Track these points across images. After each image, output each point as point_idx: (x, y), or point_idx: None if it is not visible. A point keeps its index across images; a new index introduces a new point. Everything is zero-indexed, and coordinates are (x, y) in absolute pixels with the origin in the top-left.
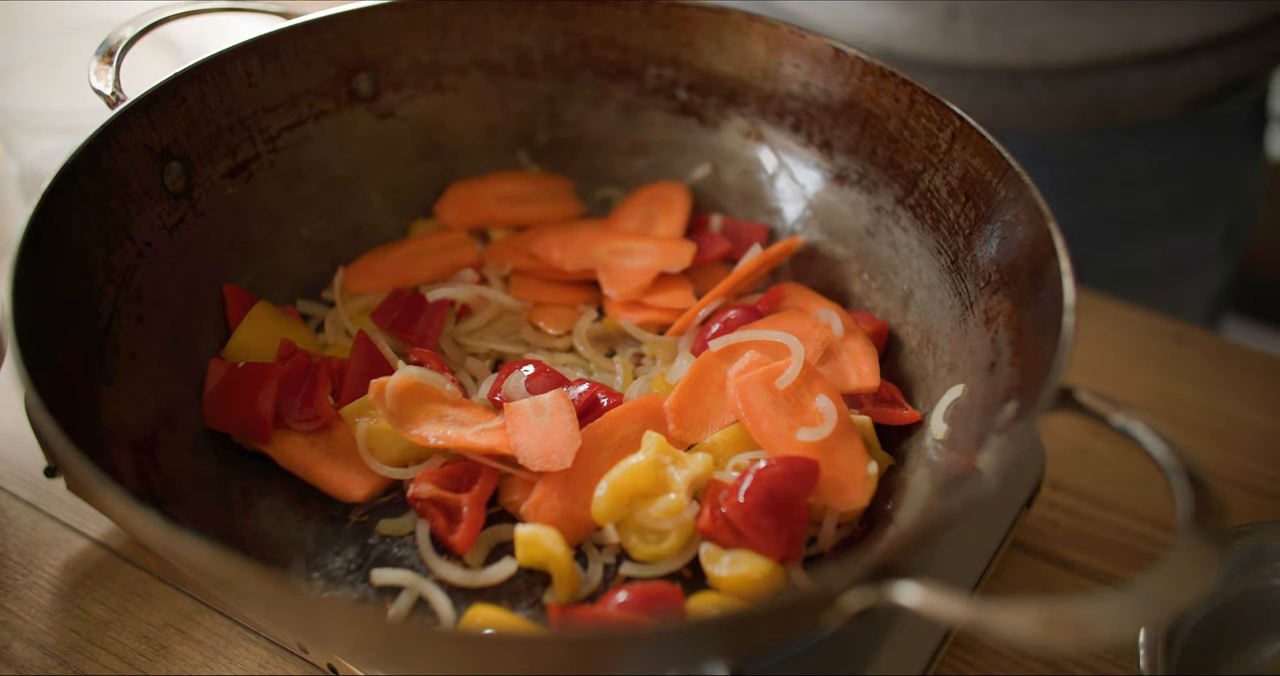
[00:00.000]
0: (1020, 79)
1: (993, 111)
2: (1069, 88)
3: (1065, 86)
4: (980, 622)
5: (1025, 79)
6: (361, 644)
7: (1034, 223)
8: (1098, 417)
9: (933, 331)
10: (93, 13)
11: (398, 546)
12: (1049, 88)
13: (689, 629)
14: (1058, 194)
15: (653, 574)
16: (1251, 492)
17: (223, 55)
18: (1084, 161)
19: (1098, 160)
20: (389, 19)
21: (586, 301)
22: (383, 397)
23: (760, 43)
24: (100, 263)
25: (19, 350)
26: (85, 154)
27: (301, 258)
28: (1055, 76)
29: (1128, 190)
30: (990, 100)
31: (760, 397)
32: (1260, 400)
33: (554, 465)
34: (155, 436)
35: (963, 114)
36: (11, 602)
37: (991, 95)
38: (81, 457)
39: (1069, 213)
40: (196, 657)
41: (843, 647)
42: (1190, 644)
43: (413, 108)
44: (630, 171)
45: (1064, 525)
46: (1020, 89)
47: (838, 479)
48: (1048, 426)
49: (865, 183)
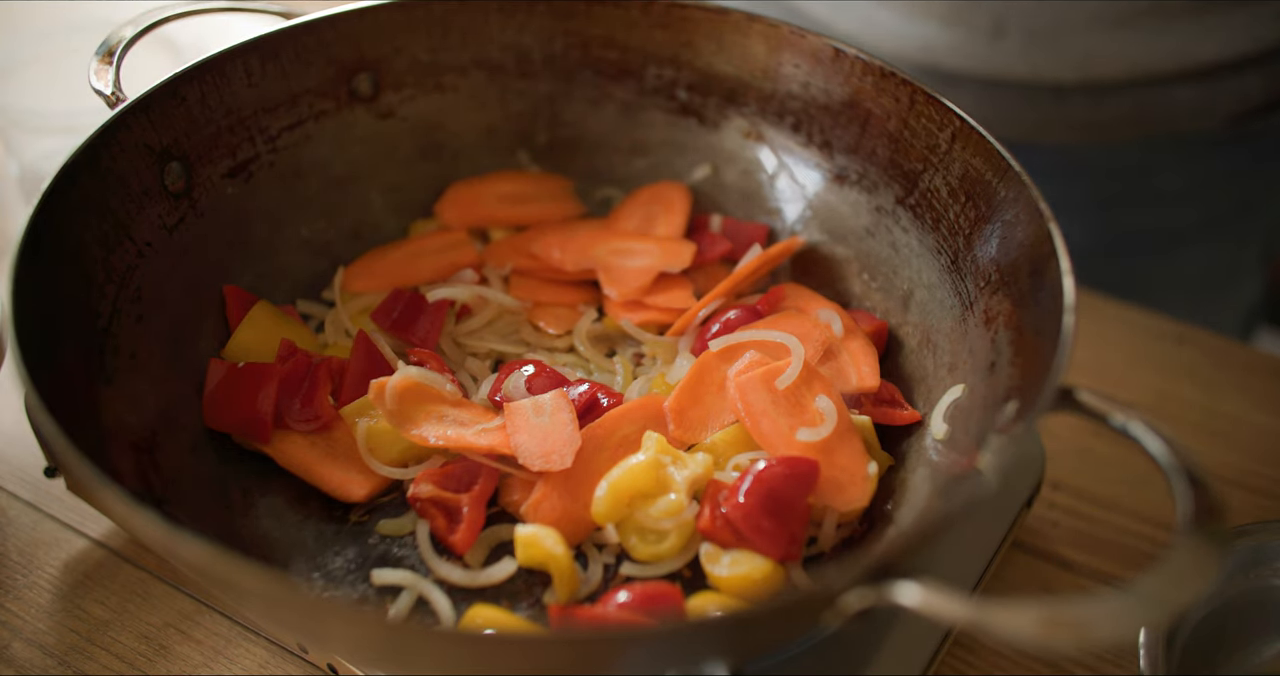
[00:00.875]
0: (1064, 95)
1: (1034, 127)
2: (1114, 103)
3: (1110, 102)
4: (980, 622)
5: (1069, 95)
6: (361, 644)
7: (1034, 223)
8: (1098, 417)
9: (933, 331)
10: (93, 13)
11: (398, 546)
12: (1093, 103)
13: (689, 629)
14: (1094, 206)
15: (653, 574)
16: (1251, 492)
17: (223, 55)
18: (1122, 174)
19: (1136, 173)
20: (389, 19)
21: (586, 301)
22: (383, 397)
23: (760, 43)
24: (100, 263)
25: (19, 350)
26: (85, 154)
27: (301, 258)
28: (1100, 92)
29: (1165, 203)
30: (1032, 116)
31: (760, 398)
32: (1260, 400)
33: (554, 465)
34: (155, 436)
35: (963, 114)
36: (11, 602)
37: (1034, 111)
38: (81, 457)
39: (1106, 225)
40: (196, 657)
41: (843, 647)
42: (1190, 644)
43: (413, 108)
44: (630, 171)
45: (1064, 525)
46: (1064, 104)
47: (838, 479)
48: (1048, 426)
49: (865, 183)
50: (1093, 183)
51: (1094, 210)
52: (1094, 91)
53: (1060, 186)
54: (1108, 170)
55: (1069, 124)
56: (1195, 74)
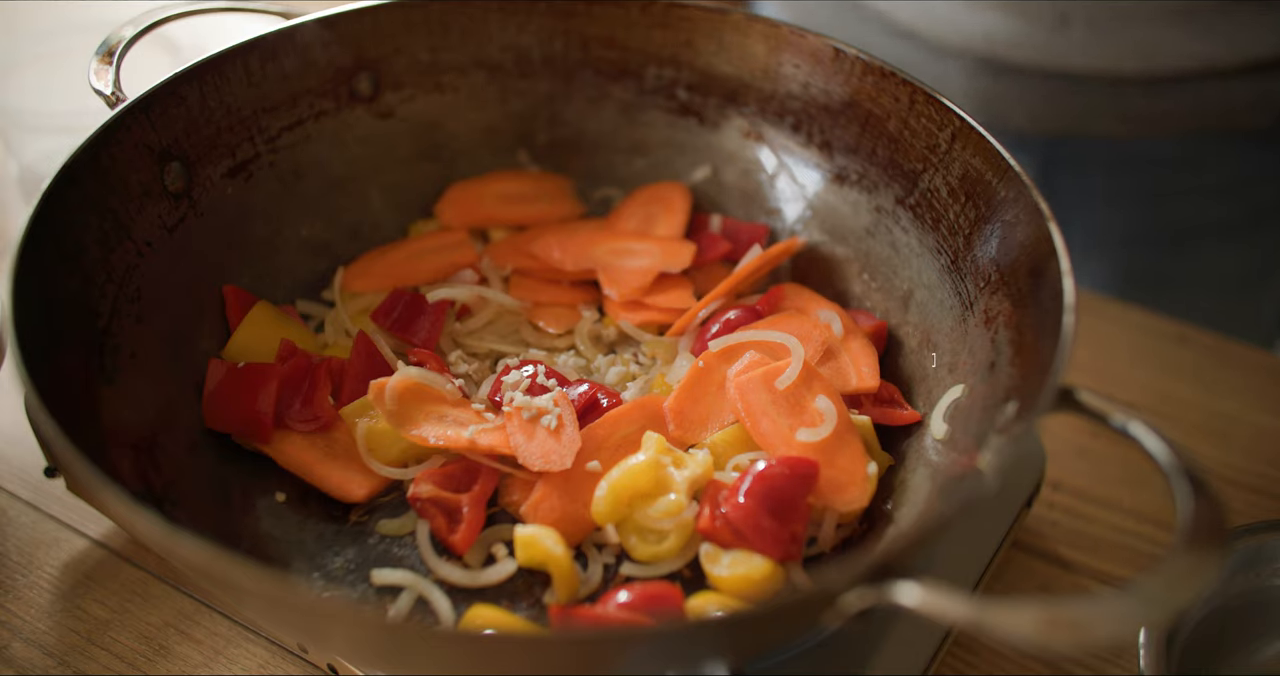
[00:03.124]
0: (1121, 86)
1: (1085, 118)
2: (1171, 96)
3: (1167, 95)
4: (980, 622)
5: (1126, 86)
6: (361, 644)
7: (1034, 223)
8: (1098, 417)
9: (933, 331)
10: (93, 13)
11: (398, 546)
12: (1150, 95)
13: (689, 629)
14: (1137, 199)
15: (653, 574)
16: (1251, 492)
17: (223, 55)
18: (1167, 167)
19: (1181, 166)
20: (389, 19)
21: (586, 301)
22: (383, 398)
23: (760, 43)
24: (100, 262)
25: (19, 350)
26: (85, 154)
27: (301, 258)
28: (1159, 84)
29: (1210, 196)
30: (1086, 107)
31: (760, 398)
32: (1260, 400)
33: (554, 465)
34: (155, 436)
35: (963, 114)
36: (11, 602)
37: (1087, 102)
38: (81, 457)
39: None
40: (196, 657)
41: (843, 647)
42: (1190, 644)
43: (413, 108)
44: (630, 171)
45: (1064, 525)
46: (1120, 96)
47: (838, 479)
48: (1048, 426)
49: (865, 183)
50: (1138, 175)
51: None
52: (1152, 83)
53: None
54: (1152, 163)
55: (1122, 116)
56: (1255, 67)
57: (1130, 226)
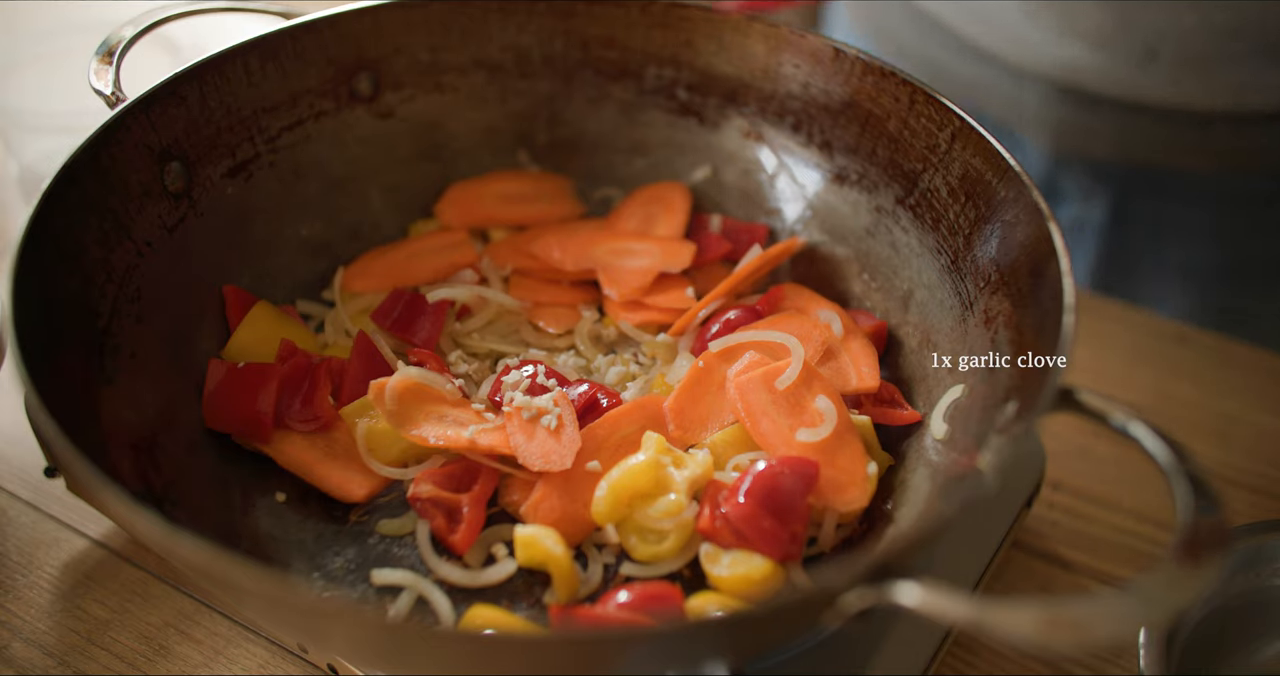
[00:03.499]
0: (1208, 123)
1: (1171, 152)
2: (1258, 134)
3: (1254, 132)
4: (980, 622)
5: (1214, 123)
6: (361, 644)
7: (1034, 223)
8: (1098, 417)
9: (933, 331)
10: (93, 13)
11: (398, 546)
12: (1237, 132)
13: (689, 629)
14: (1216, 234)
15: (653, 574)
16: (1251, 492)
17: (223, 55)
18: (1245, 202)
19: (1260, 201)
20: (389, 19)
21: (586, 301)
22: (383, 398)
23: (760, 43)
24: (100, 262)
25: (19, 350)
26: (85, 154)
27: (301, 258)
28: (1246, 122)
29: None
30: (1170, 141)
31: (760, 398)
32: (1260, 400)
33: (554, 465)
34: (155, 436)
35: (963, 114)
36: (11, 602)
37: (1174, 137)
38: (81, 457)
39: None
40: (196, 657)
41: (843, 647)
42: (1190, 644)
43: (413, 108)
44: (630, 171)
45: (1064, 525)
46: (1207, 132)
47: (838, 479)
48: (1048, 426)
49: (865, 183)
50: (1216, 210)
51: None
52: (1239, 121)
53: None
54: (1231, 198)
55: (1209, 152)
56: None
57: (1217, 260)
